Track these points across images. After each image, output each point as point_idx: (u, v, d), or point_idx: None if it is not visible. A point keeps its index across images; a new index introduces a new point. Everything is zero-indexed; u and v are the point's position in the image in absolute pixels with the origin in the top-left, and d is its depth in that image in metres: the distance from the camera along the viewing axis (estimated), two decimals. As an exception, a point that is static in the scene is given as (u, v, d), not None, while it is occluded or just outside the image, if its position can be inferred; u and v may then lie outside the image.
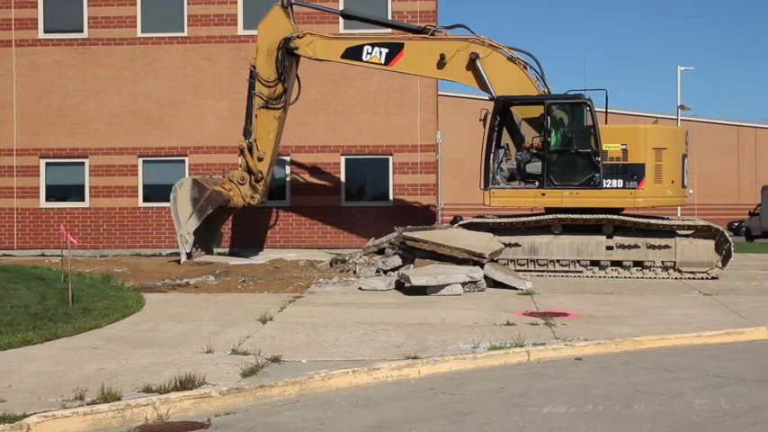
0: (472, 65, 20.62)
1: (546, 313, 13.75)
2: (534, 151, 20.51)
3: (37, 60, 26.93)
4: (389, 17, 25.55)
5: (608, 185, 19.61)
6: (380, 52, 21.13)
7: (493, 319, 13.15)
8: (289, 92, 21.90)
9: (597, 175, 19.61)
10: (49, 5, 27.03)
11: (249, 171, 22.12)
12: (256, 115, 21.85)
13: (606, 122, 20.92)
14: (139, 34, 26.78)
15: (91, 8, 26.79)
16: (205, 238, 22.39)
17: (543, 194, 19.99)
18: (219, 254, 23.43)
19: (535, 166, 20.25)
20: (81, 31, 26.90)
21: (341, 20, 25.41)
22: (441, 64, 20.82)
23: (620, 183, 19.60)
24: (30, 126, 26.91)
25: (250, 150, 21.91)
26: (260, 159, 21.97)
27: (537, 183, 20.14)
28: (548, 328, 12.32)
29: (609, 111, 21.17)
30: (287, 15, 21.69)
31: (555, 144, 20.09)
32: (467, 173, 53.54)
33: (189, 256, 21.04)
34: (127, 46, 26.75)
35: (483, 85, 20.67)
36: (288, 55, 21.51)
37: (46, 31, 26.99)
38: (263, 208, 24.80)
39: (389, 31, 24.09)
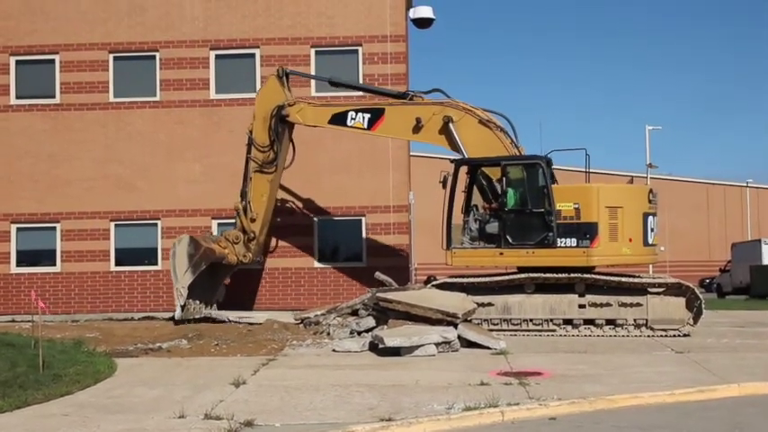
0: (445, 128, 21.23)
1: (520, 373, 13.75)
2: (490, 212, 20.85)
3: (9, 126, 26.88)
4: (361, 80, 25.92)
5: (562, 244, 19.78)
6: (363, 118, 22.17)
7: (467, 379, 13.13)
8: (280, 157, 23.17)
9: (551, 234, 19.80)
10: (22, 71, 27.09)
11: (243, 231, 23.33)
12: (251, 178, 23.20)
13: (588, 182, 21.22)
14: (111, 99, 26.82)
15: (63, 74, 26.86)
16: (208, 291, 23.17)
17: (501, 254, 20.25)
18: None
19: (492, 226, 20.54)
20: (53, 96, 26.94)
21: (312, 84, 25.76)
22: (417, 128, 21.66)
23: (573, 242, 19.75)
24: (0, 191, 26.79)
25: (245, 211, 23.24)
26: (252, 220, 23.30)
27: (495, 243, 20.39)
28: (522, 388, 12.32)
29: (591, 170, 21.48)
30: (282, 85, 23.07)
31: (511, 204, 20.34)
32: (440, 232, 53.77)
33: (183, 308, 21.64)
34: (99, 111, 26.77)
35: (455, 147, 21.22)
36: (281, 122, 22.82)
37: (18, 97, 27.03)
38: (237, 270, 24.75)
39: (361, 93, 24.77)
